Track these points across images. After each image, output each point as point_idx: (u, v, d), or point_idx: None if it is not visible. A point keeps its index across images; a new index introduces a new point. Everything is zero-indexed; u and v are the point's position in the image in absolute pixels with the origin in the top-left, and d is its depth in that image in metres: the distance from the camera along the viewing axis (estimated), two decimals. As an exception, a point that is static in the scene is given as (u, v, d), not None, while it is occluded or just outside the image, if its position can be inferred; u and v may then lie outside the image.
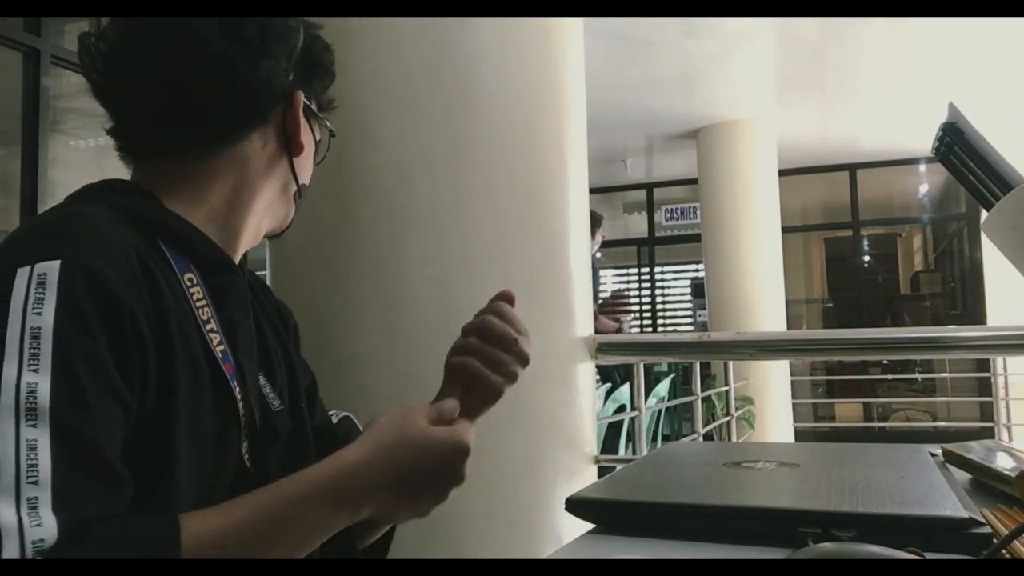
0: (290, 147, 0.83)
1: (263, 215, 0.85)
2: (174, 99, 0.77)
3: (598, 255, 6.51)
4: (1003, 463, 0.98)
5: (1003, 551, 0.66)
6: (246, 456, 0.76)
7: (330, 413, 0.98)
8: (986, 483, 0.97)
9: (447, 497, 0.71)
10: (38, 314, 0.60)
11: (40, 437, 0.57)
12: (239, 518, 0.63)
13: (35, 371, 0.58)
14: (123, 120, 0.79)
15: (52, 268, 0.62)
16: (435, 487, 0.70)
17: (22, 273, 0.62)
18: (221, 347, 0.75)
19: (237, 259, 0.84)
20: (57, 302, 0.61)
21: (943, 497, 0.81)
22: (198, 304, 0.74)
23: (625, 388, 4.82)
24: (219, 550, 0.60)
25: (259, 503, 0.64)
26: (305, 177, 0.87)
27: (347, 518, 0.67)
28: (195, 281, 0.75)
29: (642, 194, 9.56)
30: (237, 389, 0.75)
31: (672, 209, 9.28)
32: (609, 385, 4.95)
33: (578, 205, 2.02)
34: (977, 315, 8.03)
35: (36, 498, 0.55)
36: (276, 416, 0.82)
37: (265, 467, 0.77)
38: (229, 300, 0.79)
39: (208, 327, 0.74)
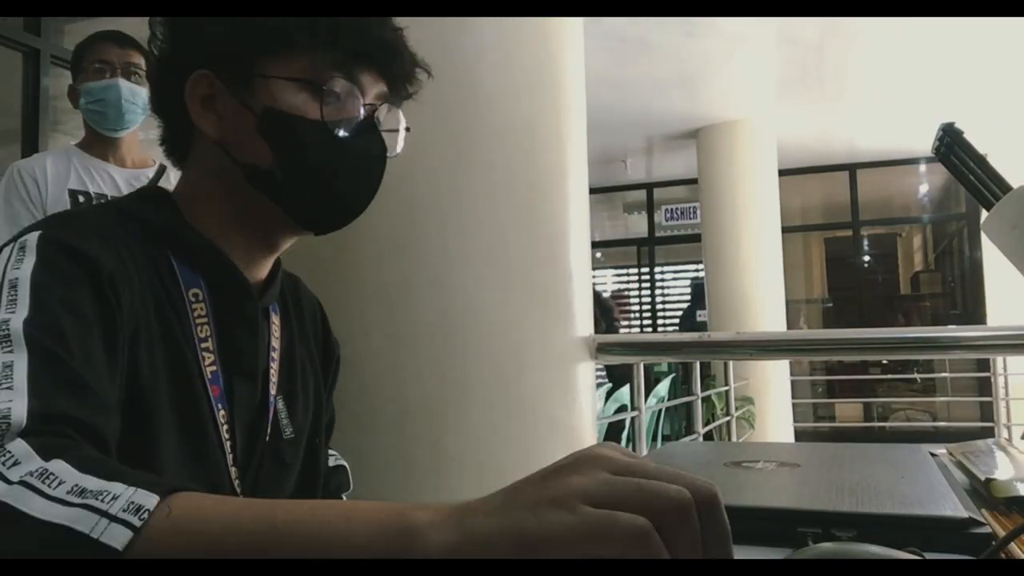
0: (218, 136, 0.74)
1: (243, 220, 0.76)
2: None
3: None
4: (988, 466, 0.97)
5: (1003, 551, 0.66)
6: (236, 483, 0.73)
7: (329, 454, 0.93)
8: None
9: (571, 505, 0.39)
10: (17, 269, 0.62)
11: (16, 359, 0.56)
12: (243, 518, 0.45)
13: (12, 312, 0.59)
14: None
15: (32, 237, 0.65)
16: (544, 482, 0.41)
17: (8, 246, 0.65)
18: (212, 368, 0.72)
19: (261, 273, 0.79)
20: (36, 258, 0.63)
21: (943, 497, 0.81)
22: (198, 321, 0.72)
23: (625, 388, 4.82)
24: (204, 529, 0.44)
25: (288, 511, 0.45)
26: (247, 156, 0.73)
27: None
28: (200, 297, 0.73)
29: (642, 194, 9.56)
30: (222, 413, 0.72)
31: (672, 209, 9.28)
32: (610, 385, 4.94)
33: (578, 205, 2.01)
34: (977, 315, 8.04)
35: (10, 400, 0.53)
36: (286, 444, 0.79)
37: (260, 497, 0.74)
38: (238, 322, 0.76)
39: (203, 345, 0.72)
